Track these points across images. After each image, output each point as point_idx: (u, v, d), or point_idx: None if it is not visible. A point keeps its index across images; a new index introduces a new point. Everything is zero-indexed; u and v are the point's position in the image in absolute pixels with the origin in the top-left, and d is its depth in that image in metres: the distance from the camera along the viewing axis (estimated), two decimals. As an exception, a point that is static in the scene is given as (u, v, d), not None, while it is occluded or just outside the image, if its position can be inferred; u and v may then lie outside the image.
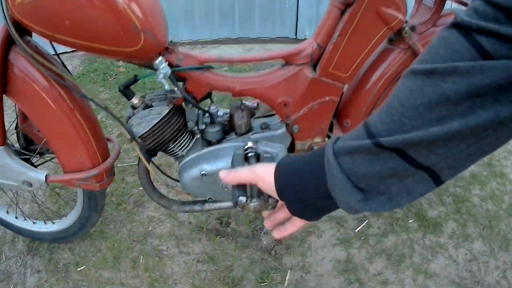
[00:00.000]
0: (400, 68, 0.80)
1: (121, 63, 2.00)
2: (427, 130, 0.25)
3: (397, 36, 0.78)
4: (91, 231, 1.03)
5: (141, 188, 1.17)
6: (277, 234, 0.39)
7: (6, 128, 0.78)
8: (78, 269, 0.97)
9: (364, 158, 0.29)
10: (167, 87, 0.66)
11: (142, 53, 0.62)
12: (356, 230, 1.07)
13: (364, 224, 1.09)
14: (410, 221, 1.13)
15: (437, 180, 0.28)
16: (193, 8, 2.17)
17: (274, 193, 0.35)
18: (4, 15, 0.62)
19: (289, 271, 0.95)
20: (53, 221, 0.99)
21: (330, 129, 0.86)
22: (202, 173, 0.76)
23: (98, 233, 1.04)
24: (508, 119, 0.23)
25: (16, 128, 0.87)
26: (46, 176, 0.79)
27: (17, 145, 0.89)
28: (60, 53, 0.75)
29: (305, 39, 2.22)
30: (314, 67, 0.75)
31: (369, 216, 1.12)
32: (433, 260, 1.04)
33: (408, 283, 0.96)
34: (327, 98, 0.77)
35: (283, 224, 0.39)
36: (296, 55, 0.72)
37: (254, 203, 0.37)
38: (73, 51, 1.92)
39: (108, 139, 0.85)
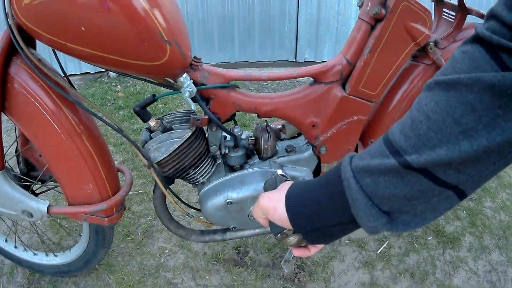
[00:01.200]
0: (424, 83, 0.76)
1: (119, 87, 1.90)
2: (455, 146, 0.24)
3: (421, 51, 0.74)
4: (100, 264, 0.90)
5: (149, 218, 1.06)
6: (298, 252, 0.37)
7: (6, 151, 0.67)
8: None
9: (389, 180, 0.27)
10: (193, 106, 0.58)
11: (167, 67, 0.54)
12: (378, 252, 1.00)
13: (385, 245, 1.02)
14: (429, 238, 1.07)
15: (462, 195, 0.27)
16: (192, 32, 2.13)
17: (287, 225, 0.33)
18: (7, 20, 0.53)
19: (315, 301, 0.86)
20: (56, 253, 0.87)
21: (355, 150, 0.79)
22: (227, 201, 0.67)
23: (105, 266, 0.92)
24: None
25: (16, 151, 0.76)
26: (48, 207, 0.68)
27: (17, 170, 0.77)
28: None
29: (305, 61, 2.24)
30: (343, 85, 0.69)
31: (390, 236, 1.05)
32: (455, 275, 0.99)
33: None
34: (356, 118, 0.71)
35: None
36: (325, 73, 0.67)
37: (292, 238, 0.35)
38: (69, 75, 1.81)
39: (118, 170, 0.75)
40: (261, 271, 0.92)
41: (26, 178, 0.76)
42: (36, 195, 0.78)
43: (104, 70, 2.09)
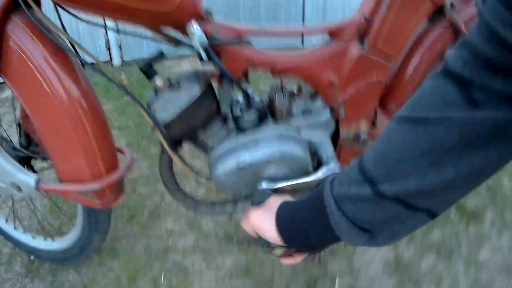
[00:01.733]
0: (444, 47, 0.72)
1: (123, 75, 1.86)
2: (424, 178, 0.26)
3: (438, 14, 0.69)
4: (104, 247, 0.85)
5: (155, 199, 1.01)
6: (286, 261, 0.40)
7: (8, 120, 0.62)
8: None
9: (367, 206, 0.29)
10: (203, 55, 0.53)
11: (177, 14, 0.50)
12: (399, 228, 0.94)
13: (406, 220, 0.97)
14: (451, 214, 1.02)
15: (434, 216, 0.29)
16: None
17: (279, 242, 0.37)
18: None
19: (337, 278, 0.81)
20: (53, 238, 0.82)
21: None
22: (240, 165, 0.62)
23: (109, 250, 0.87)
24: (496, 163, 0.25)
25: (18, 123, 0.71)
26: (38, 181, 0.62)
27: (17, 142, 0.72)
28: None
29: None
30: (362, 41, 0.64)
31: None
32: (479, 250, 0.95)
33: (462, 275, 0.86)
34: (375, 79, 0.66)
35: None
36: (342, 30, 0.62)
37: (278, 250, 0.38)
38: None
39: (119, 150, 0.68)
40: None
41: (24, 151, 0.71)
42: (35, 172, 0.73)
43: (108, 59, 2.05)
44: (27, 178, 0.62)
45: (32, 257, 0.86)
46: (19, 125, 0.71)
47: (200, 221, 0.94)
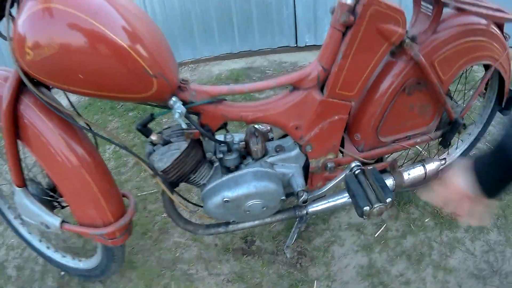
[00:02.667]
0: (404, 79, 0.81)
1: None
2: None
3: (399, 48, 0.78)
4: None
5: (164, 215, 1.19)
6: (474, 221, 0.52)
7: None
8: None
9: None
10: (183, 125, 0.68)
11: (156, 96, 0.63)
12: (375, 235, 1.07)
13: (382, 228, 1.09)
14: (426, 220, 1.12)
15: None
16: (191, 26, 2.20)
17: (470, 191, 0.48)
18: (17, 66, 0.61)
19: (315, 281, 0.95)
20: (80, 259, 1.01)
21: (341, 144, 0.86)
22: (224, 200, 0.77)
23: (127, 263, 1.05)
24: None
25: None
26: (61, 222, 0.78)
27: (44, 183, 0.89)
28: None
29: (306, 46, 2.27)
30: (322, 89, 0.76)
31: (387, 220, 1.12)
32: (451, 256, 1.03)
33: (429, 280, 0.96)
34: (336, 117, 0.78)
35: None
36: (303, 80, 0.74)
37: (377, 208, 0.53)
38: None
39: (124, 195, 0.83)
40: (267, 258, 1.02)
41: (50, 193, 0.87)
42: (63, 207, 0.90)
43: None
44: (53, 220, 0.78)
45: (62, 273, 1.05)
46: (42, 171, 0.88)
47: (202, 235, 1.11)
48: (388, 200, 0.71)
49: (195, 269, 1.02)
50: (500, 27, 0.88)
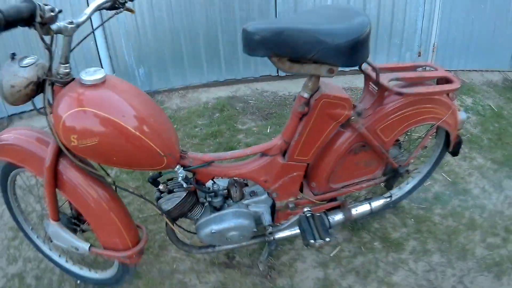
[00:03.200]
0: (350, 145, 1.18)
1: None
2: None
3: (347, 122, 1.14)
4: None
5: (163, 234, 1.58)
6: None
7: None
8: None
9: None
10: (185, 185, 1.05)
11: (166, 168, 1.02)
12: (331, 254, 1.47)
13: (337, 249, 1.49)
14: (375, 243, 1.51)
15: None
16: (182, 56, 2.58)
17: None
18: (58, 141, 0.94)
19: (281, 291, 1.35)
20: (96, 270, 1.40)
21: (301, 189, 1.24)
22: (212, 231, 1.15)
23: (135, 274, 1.43)
24: None
25: (70, 203, 1.25)
26: (89, 247, 1.16)
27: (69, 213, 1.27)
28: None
29: (286, 75, 2.63)
30: (284, 155, 1.13)
31: (342, 242, 1.51)
32: (395, 273, 1.43)
33: None
34: (295, 173, 1.16)
35: None
36: (270, 149, 1.12)
37: (318, 243, 0.92)
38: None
39: (138, 226, 1.21)
40: (244, 270, 1.42)
41: (76, 222, 1.24)
42: (84, 231, 1.27)
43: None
44: (83, 245, 1.16)
45: (78, 282, 1.44)
46: (70, 203, 1.25)
47: (194, 250, 1.50)
48: (327, 239, 1.09)
49: (188, 279, 1.41)
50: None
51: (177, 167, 1.05)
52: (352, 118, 1.13)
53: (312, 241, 1.10)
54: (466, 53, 2.65)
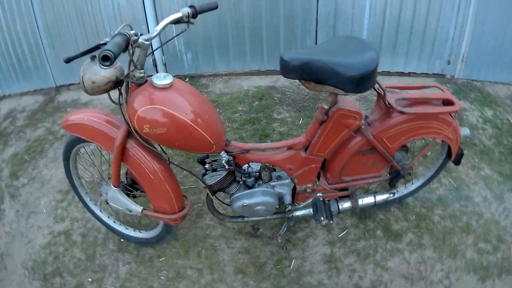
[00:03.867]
0: (359, 148, 1.50)
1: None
2: None
3: (358, 129, 1.46)
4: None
5: (200, 204, 1.98)
6: None
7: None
8: (160, 260, 1.80)
9: None
10: (226, 166, 1.43)
11: (214, 152, 1.39)
12: (339, 236, 1.81)
13: (345, 232, 1.83)
14: (378, 231, 1.84)
15: None
16: (227, 44, 2.96)
17: None
18: (130, 126, 1.33)
19: (293, 259, 1.73)
20: (140, 231, 1.81)
21: (318, 178, 1.59)
22: (243, 204, 1.53)
23: (173, 236, 1.85)
24: None
25: (126, 173, 1.66)
26: (142, 210, 1.56)
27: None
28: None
29: None
30: (306, 150, 1.48)
31: (349, 227, 1.85)
32: (390, 260, 1.76)
33: (370, 272, 1.70)
34: (313, 165, 1.50)
35: None
36: (295, 145, 1.47)
37: (324, 221, 1.29)
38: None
39: (184, 196, 1.60)
40: (265, 240, 1.80)
41: (131, 189, 1.65)
42: (135, 197, 1.68)
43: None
44: (136, 208, 1.57)
45: (122, 240, 1.87)
46: (126, 173, 1.66)
47: (224, 220, 1.90)
48: (331, 221, 1.44)
49: (218, 243, 1.81)
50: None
51: (222, 152, 1.42)
52: (363, 127, 1.45)
53: (322, 218, 1.45)
54: (494, 66, 2.82)
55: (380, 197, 1.70)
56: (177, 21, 1.34)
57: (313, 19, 2.81)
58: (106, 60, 0.97)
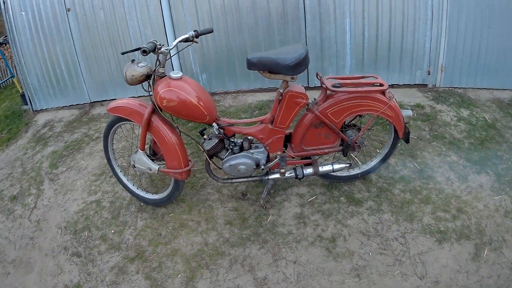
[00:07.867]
0: (311, 122, 2.66)
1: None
2: None
3: (308, 107, 2.65)
4: (178, 199, 3.04)
5: (204, 179, 3.17)
6: None
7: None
8: (169, 215, 2.96)
9: None
10: (217, 133, 2.66)
11: (208, 122, 2.62)
12: (308, 200, 2.90)
13: (314, 197, 2.92)
14: (341, 198, 2.91)
15: None
16: (234, 67, 4.28)
17: None
18: (154, 104, 2.61)
19: (270, 215, 2.82)
20: (156, 193, 3.02)
21: (285, 147, 2.76)
22: (230, 164, 2.71)
23: (181, 199, 3.03)
24: None
25: (150, 147, 2.92)
26: (158, 168, 2.77)
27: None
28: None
29: (315, 86, 4.17)
30: (272, 123, 2.68)
31: (318, 194, 2.94)
32: (350, 219, 2.78)
33: (331, 228, 2.74)
34: (279, 136, 2.68)
35: None
36: (264, 119, 2.67)
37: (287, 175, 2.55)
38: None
39: (189, 160, 2.81)
40: (251, 202, 2.91)
41: (152, 157, 2.89)
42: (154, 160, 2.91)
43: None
44: (154, 166, 2.78)
45: (141, 204, 3.07)
46: (150, 147, 2.92)
47: (222, 189, 3.06)
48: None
49: (215, 204, 2.96)
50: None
51: (214, 124, 2.64)
52: (310, 105, 2.62)
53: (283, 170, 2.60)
54: (474, 73, 3.87)
55: (337, 166, 2.79)
56: (186, 40, 2.67)
57: (303, 42, 4.10)
58: (145, 53, 2.30)
